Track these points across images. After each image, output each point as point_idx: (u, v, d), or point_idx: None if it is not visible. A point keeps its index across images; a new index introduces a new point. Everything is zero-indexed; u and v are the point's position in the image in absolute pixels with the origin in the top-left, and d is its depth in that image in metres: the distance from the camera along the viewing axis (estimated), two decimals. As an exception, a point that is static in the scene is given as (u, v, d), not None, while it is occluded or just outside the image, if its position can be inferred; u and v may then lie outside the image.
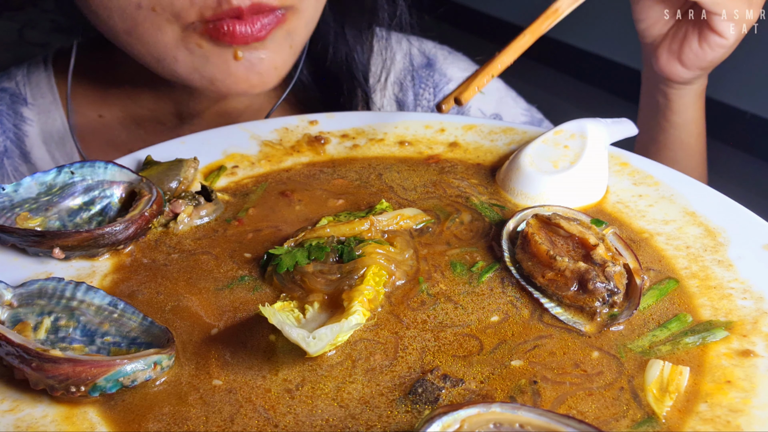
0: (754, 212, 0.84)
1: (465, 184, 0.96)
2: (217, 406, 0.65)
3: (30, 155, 1.26)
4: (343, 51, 1.30)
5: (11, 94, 1.27)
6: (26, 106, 1.26)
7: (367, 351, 0.70)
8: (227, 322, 0.74)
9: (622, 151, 0.99)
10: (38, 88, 1.27)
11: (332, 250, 0.79)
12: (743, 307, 0.73)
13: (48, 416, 0.64)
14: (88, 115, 1.27)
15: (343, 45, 1.29)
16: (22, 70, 1.30)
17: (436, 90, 1.42)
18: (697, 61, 1.18)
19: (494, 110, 1.42)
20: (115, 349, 0.70)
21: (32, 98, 1.27)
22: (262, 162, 1.02)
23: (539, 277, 0.76)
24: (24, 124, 1.25)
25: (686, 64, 1.19)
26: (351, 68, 1.31)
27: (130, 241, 0.84)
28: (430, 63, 1.43)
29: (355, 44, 1.30)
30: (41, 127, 1.26)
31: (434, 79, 1.42)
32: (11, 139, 1.25)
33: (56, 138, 1.26)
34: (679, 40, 1.18)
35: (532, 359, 0.68)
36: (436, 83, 1.42)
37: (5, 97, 1.27)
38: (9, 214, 0.83)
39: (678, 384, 0.64)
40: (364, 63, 1.33)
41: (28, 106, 1.26)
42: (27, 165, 1.26)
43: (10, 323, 0.71)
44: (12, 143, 1.25)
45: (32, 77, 1.28)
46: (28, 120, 1.25)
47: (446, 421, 0.57)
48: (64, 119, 1.26)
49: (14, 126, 1.26)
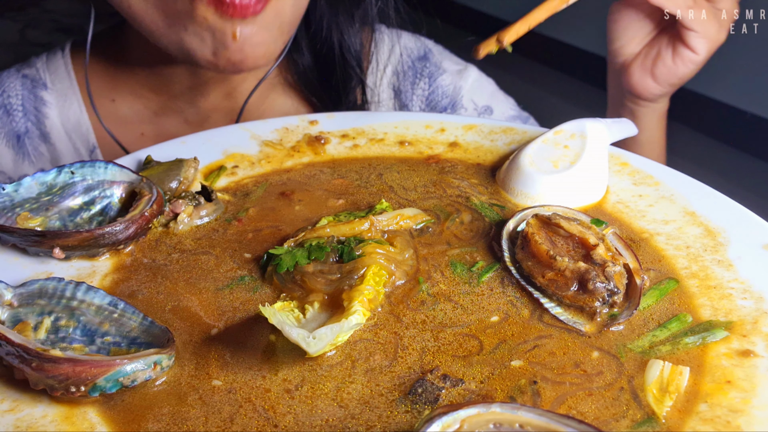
0: (754, 212, 0.84)
1: (465, 184, 0.96)
2: (217, 406, 0.65)
3: (49, 136, 1.35)
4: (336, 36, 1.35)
5: (32, 80, 1.37)
6: (46, 90, 1.36)
7: (367, 351, 0.70)
8: (227, 322, 0.74)
9: (622, 151, 0.99)
10: (57, 74, 1.37)
11: (332, 250, 0.79)
12: (743, 307, 0.73)
13: (48, 416, 0.64)
14: (101, 100, 1.36)
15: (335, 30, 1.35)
16: (41, 58, 1.39)
17: (431, 80, 1.47)
18: (669, 77, 1.25)
19: (486, 102, 1.47)
20: (115, 349, 0.70)
21: (51, 83, 1.36)
22: (262, 162, 1.02)
23: (539, 277, 0.76)
24: (44, 107, 1.34)
25: (658, 80, 1.26)
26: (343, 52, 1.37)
27: (131, 241, 0.84)
28: (426, 55, 1.49)
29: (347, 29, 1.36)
30: (59, 110, 1.35)
31: (429, 69, 1.48)
32: (32, 121, 1.35)
33: (73, 120, 1.35)
34: (652, 56, 1.26)
35: (532, 359, 0.68)
36: (431, 73, 1.48)
37: (27, 83, 1.37)
38: (9, 213, 0.83)
39: (678, 384, 0.64)
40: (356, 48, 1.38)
41: (48, 90, 1.36)
42: (46, 145, 1.36)
43: (10, 323, 0.71)
44: (32, 125, 1.35)
45: (51, 64, 1.38)
46: (48, 103, 1.35)
47: (446, 421, 0.57)
48: (81, 102, 1.35)
49: (35, 109, 1.35)
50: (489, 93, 1.49)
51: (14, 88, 1.36)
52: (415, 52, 1.49)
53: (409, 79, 1.47)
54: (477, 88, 1.48)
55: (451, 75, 1.47)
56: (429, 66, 1.48)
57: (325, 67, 1.38)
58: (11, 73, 1.38)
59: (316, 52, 1.38)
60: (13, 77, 1.37)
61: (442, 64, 1.48)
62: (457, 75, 1.47)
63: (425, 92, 1.47)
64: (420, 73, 1.47)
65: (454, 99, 1.46)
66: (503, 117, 1.47)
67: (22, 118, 1.35)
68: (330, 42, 1.35)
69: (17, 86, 1.36)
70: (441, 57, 1.50)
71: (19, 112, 1.35)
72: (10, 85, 1.36)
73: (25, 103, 1.35)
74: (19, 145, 1.34)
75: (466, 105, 1.46)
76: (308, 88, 1.40)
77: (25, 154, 1.35)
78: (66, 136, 1.35)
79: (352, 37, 1.36)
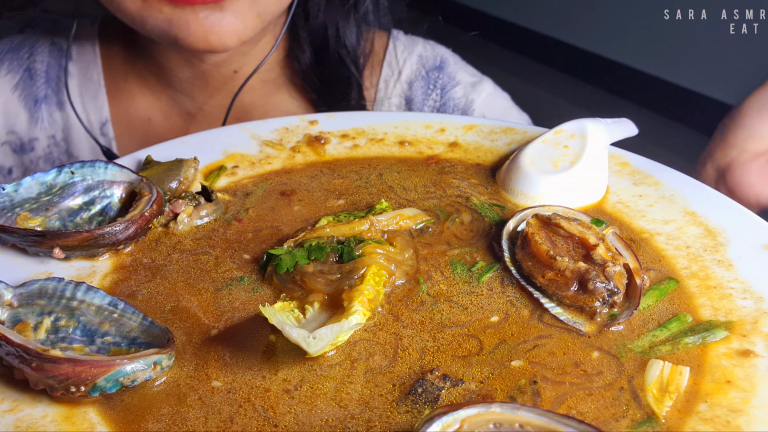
0: (754, 212, 0.84)
1: (465, 184, 0.96)
2: (217, 406, 0.65)
3: (65, 105, 1.39)
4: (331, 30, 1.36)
5: (59, 48, 1.42)
6: (71, 61, 1.40)
7: (367, 351, 0.70)
8: (227, 322, 0.74)
9: (622, 151, 0.99)
10: (83, 47, 1.41)
11: (332, 250, 0.79)
12: (743, 307, 0.73)
13: (48, 416, 0.64)
14: (116, 77, 1.41)
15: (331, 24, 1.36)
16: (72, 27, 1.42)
17: (443, 91, 1.46)
18: None
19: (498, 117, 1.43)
20: (115, 349, 0.70)
21: (77, 55, 1.41)
22: (262, 162, 1.02)
23: (539, 277, 0.76)
24: (66, 77, 1.37)
25: None
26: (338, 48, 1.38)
27: (130, 241, 0.84)
28: (441, 66, 1.48)
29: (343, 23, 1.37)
30: (80, 81, 1.40)
31: (442, 81, 1.46)
32: (52, 88, 1.40)
33: (91, 92, 1.39)
34: None
35: (532, 359, 0.68)
36: (443, 85, 1.46)
37: (54, 51, 1.42)
38: (9, 214, 0.83)
39: (678, 384, 0.64)
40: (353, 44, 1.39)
41: (73, 61, 1.40)
42: (61, 112, 1.40)
43: (10, 323, 0.71)
44: (52, 91, 1.40)
45: (79, 35, 1.42)
46: (71, 74, 1.39)
47: (446, 421, 0.57)
48: (101, 76, 1.40)
49: (57, 77, 1.40)
50: (502, 108, 1.47)
51: (42, 53, 1.41)
52: (430, 61, 1.47)
53: (422, 89, 1.45)
54: (490, 102, 1.46)
55: (465, 87, 1.46)
56: (443, 77, 1.46)
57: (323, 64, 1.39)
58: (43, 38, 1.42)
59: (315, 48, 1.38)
60: (42, 42, 1.42)
61: (457, 76, 1.47)
62: (470, 88, 1.46)
63: (437, 103, 1.46)
64: (434, 83, 1.46)
65: (465, 112, 1.45)
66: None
67: (44, 83, 1.39)
68: (326, 36, 1.36)
69: (45, 52, 1.41)
70: (456, 68, 1.48)
71: (41, 78, 1.39)
72: (38, 50, 1.41)
73: (49, 71, 1.40)
74: (36, 109, 1.39)
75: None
76: (310, 85, 1.40)
77: (39, 118, 1.39)
78: (82, 107, 1.38)
79: (348, 33, 1.37)
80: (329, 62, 1.38)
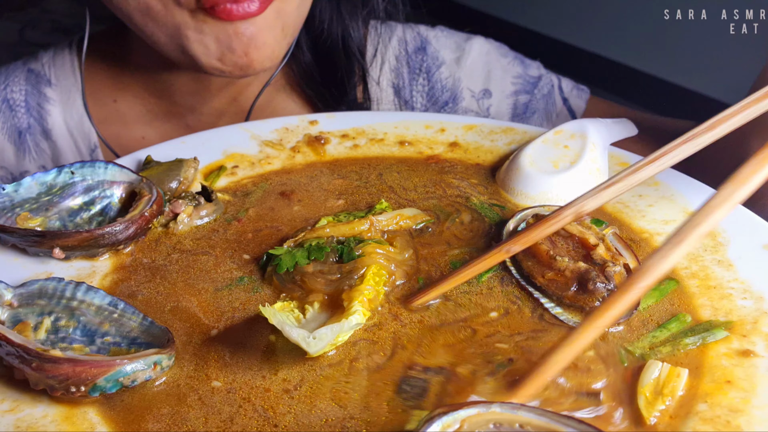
0: (754, 212, 0.84)
1: (465, 184, 0.96)
2: (217, 406, 0.65)
3: (51, 133, 1.34)
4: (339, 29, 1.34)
5: (37, 75, 1.35)
6: (50, 86, 1.34)
7: (367, 351, 0.70)
8: (227, 322, 0.74)
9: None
10: (62, 70, 1.35)
11: (332, 250, 0.79)
12: (743, 307, 0.73)
13: (48, 416, 0.64)
14: (103, 99, 1.35)
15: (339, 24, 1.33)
16: (49, 53, 1.38)
17: (429, 75, 1.43)
18: None
19: (483, 86, 1.41)
20: (115, 349, 0.70)
21: (56, 79, 1.35)
22: (262, 162, 1.02)
23: (539, 277, 0.76)
24: (47, 104, 1.33)
25: None
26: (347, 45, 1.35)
27: (130, 241, 0.84)
28: (423, 47, 1.44)
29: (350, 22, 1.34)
30: (62, 107, 1.34)
31: (427, 63, 1.43)
32: (34, 117, 1.34)
33: (76, 118, 1.34)
34: None
35: (521, 345, 0.69)
36: (428, 68, 1.43)
37: (31, 77, 1.35)
38: (9, 214, 0.83)
39: (674, 387, 0.63)
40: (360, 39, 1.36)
41: (52, 86, 1.34)
42: (48, 142, 1.35)
43: (10, 323, 0.71)
44: (35, 120, 1.34)
45: (57, 60, 1.36)
46: (51, 100, 1.34)
47: (446, 421, 0.57)
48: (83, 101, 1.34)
49: (38, 105, 1.34)
50: (485, 75, 1.41)
51: (18, 83, 1.35)
52: (411, 44, 1.43)
53: (408, 75, 1.43)
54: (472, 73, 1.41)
55: (449, 67, 1.42)
56: (426, 59, 1.42)
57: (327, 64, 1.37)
58: (17, 67, 1.37)
59: (317, 49, 1.36)
60: (18, 71, 1.36)
61: (440, 55, 1.43)
62: (455, 65, 1.41)
63: (425, 88, 1.43)
64: (418, 68, 1.42)
65: (454, 92, 1.41)
66: (504, 95, 1.40)
67: (25, 113, 1.34)
68: (333, 37, 1.34)
69: (21, 81, 1.35)
70: (438, 45, 1.44)
71: (21, 108, 1.34)
72: (14, 80, 1.35)
73: (29, 99, 1.34)
74: (21, 141, 1.34)
75: (465, 96, 1.41)
76: (310, 86, 1.38)
77: (26, 150, 1.34)
78: (68, 133, 1.34)
79: (356, 31, 1.35)
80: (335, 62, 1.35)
